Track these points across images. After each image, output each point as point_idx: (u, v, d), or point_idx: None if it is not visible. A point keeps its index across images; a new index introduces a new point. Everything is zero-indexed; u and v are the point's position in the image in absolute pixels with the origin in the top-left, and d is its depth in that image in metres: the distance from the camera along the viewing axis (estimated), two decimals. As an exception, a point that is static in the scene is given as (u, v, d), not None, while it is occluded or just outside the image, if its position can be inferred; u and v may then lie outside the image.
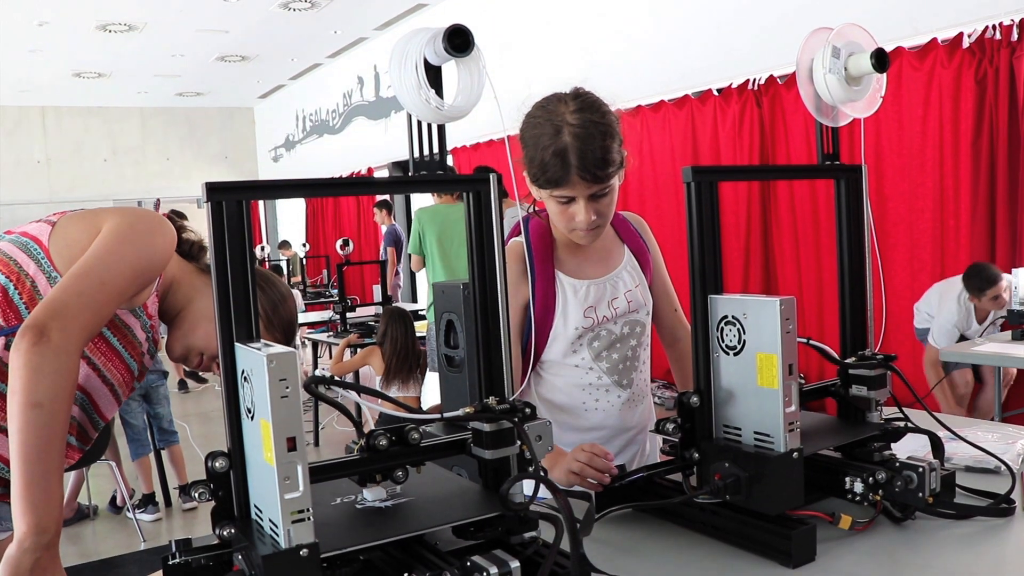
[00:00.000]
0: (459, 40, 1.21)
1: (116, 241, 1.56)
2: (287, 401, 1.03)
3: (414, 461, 1.28)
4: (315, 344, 6.85)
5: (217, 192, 1.12)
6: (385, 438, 1.23)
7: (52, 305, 1.44)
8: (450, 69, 1.25)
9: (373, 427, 1.27)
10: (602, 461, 1.66)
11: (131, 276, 1.56)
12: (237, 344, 1.12)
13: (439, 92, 1.24)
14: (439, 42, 1.21)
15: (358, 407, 3.49)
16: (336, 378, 1.25)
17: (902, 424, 1.69)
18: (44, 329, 1.39)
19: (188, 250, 1.83)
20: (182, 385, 8.62)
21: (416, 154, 1.29)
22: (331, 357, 8.99)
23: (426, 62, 1.23)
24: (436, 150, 1.29)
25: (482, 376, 1.33)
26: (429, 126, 1.29)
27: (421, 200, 8.50)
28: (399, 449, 1.25)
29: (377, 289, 7.29)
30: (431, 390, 5.88)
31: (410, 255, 5.67)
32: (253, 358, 1.07)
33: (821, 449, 1.61)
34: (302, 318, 7.86)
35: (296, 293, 9.16)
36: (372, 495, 1.26)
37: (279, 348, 1.05)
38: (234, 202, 1.13)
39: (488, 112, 1.41)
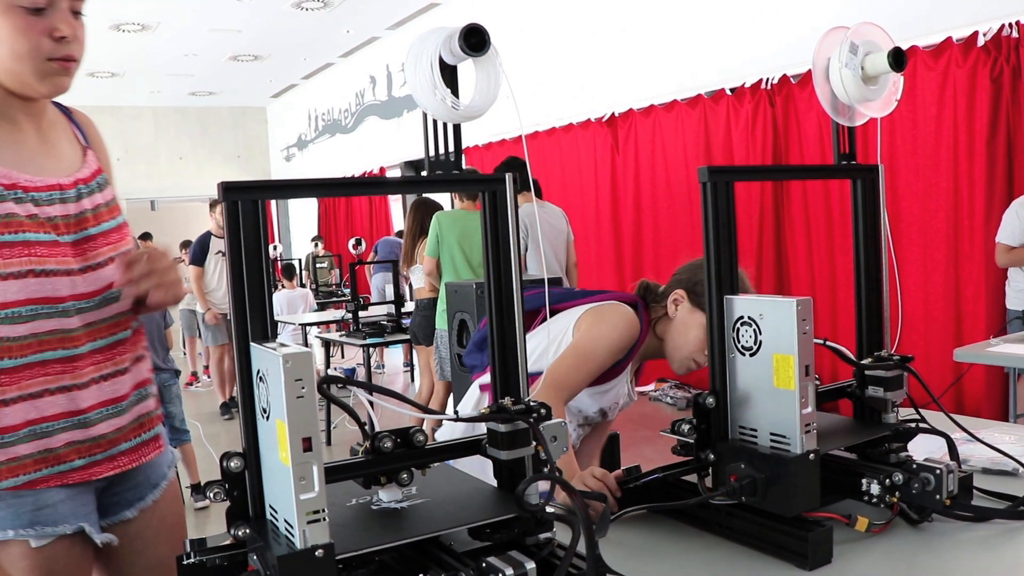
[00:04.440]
0: (475, 39, 1.20)
1: None
2: (303, 401, 1.03)
3: (419, 464, 1.27)
4: (327, 344, 6.85)
5: (233, 192, 1.12)
6: (390, 440, 1.23)
7: None
8: (467, 69, 1.25)
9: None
10: (612, 483, 1.68)
11: None
12: (252, 344, 1.12)
13: (455, 91, 1.24)
14: (455, 41, 1.20)
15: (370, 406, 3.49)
16: (351, 378, 1.25)
17: (917, 425, 1.68)
18: None
19: None
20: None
21: (431, 154, 1.28)
22: (343, 356, 9.02)
23: (442, 61, 1.23)
24: (452, 149, 1.29)
25: (497, 376, 1.32)
26: (444, 125, 1.28)
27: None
28: (404, 451, 1.25)
29: (390, 288, 7.29)
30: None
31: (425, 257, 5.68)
32: (268, 358, 1.06)
33: (831, 449, 1.60)
34: (314, 318, 7.87)
35: (308, 292, 9.17)
36: (387, 496, 1.26)
37: (295, 348, 1.05)
38: (249, 201, 1.13)
39: (502, 111, 1.40)
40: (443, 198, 7.52)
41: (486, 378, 2.05)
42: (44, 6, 1.43)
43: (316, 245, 11.80)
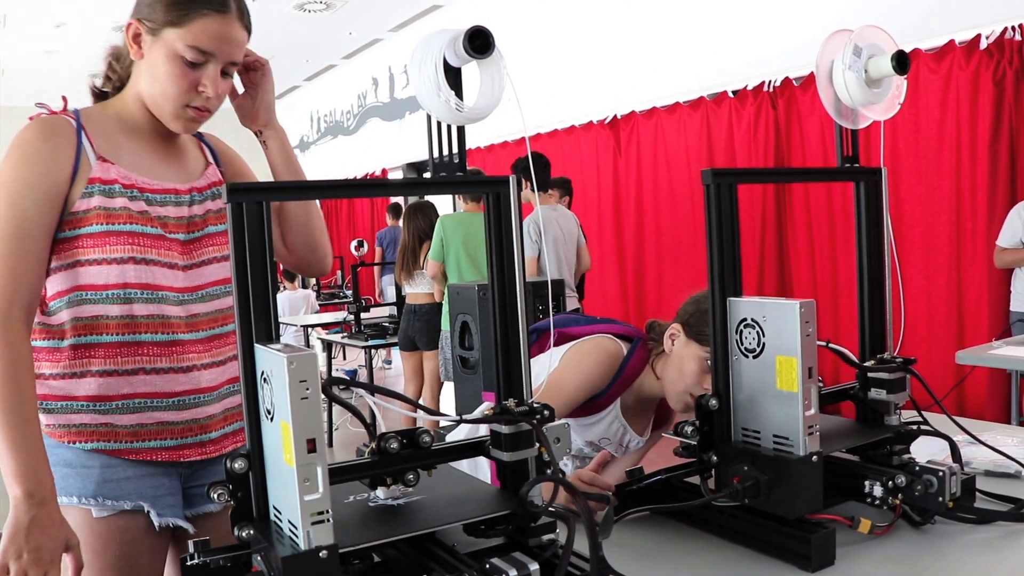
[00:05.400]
0: (479, 41, 1.21)
1: None
2: (307, 403, 1.03)
3: (425, 464, 1.28)
4: (329, 345, 6.85)
5: (238, 193, 1.12)
6: (396, 441, 1.23)
7: None
8: (471, 71, 1.25)
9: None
10: (603, 483, 1.68)
11: (14, 228, 1.52)
12: (257, 345, 1.12)
13: (459, 93, 1.24)
14: (459, 43, 1.20)
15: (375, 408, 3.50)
16: (354, 379, 1.25)
17: (919, 427, 1.68)
18: None
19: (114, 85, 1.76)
20: None
21: (435, 155, 1.29)
22: (345, 358, 9.02)
23: (446, 63, 1.23)
24: (455, 151, 1.29)
25: (500, 378, 1.33)
26: (448, 127, 1.28)
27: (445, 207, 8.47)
28: (410, 452, 1.25)
29: (391, 290, 7.30)
30: (448, 395, 5.90)
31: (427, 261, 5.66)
32: (273, 360, 1.07)
33: (834, 450, 1.60)
34: (316, 319, 7.86)
35: (309, 293, 9.16)
36: (384, 493, 1.26)
37: (299, 350, 1.05)
38: (254, 203, 1.13)
39: (504, 113, 1.40)
40: (440, 202, 7.51)
41: None
42: (201, 62, 1.60)
43: None
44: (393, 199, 10.38)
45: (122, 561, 1.63)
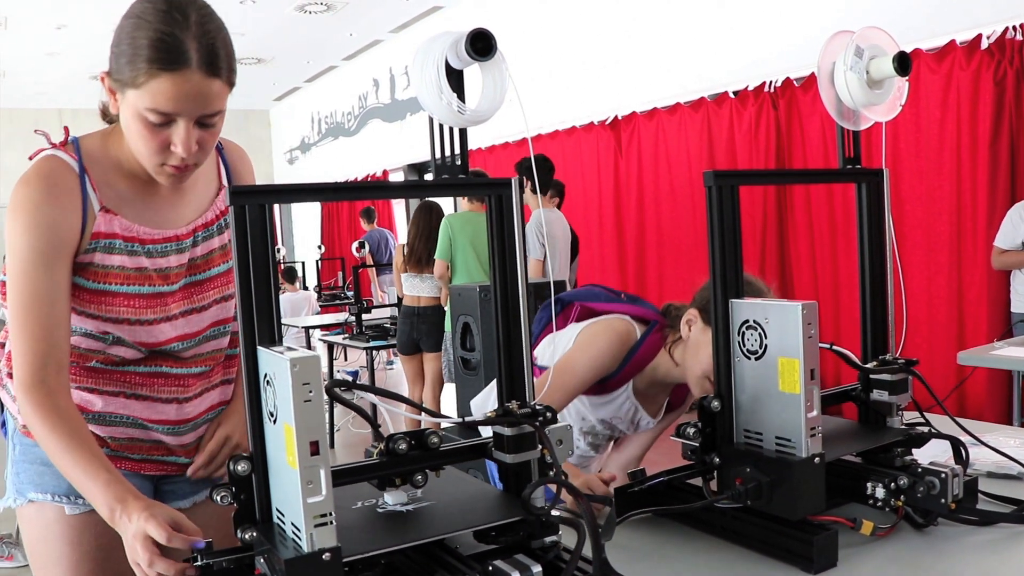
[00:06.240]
0: (481, 44, 1.21)
1: (8, 267, 1.55)
2: (310, 405, 1.03)
3: (434, 465, 1.28)
4: (331, 346, 6.85)
5: (240, 196, 1.12)
6: (405, 442, 1.23)
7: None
8: (473, 73, 1.25)
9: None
10: (599, 486, 1.69)
11: (30, 296, 1.52)
12: (260, 348, 1.13)
13: (461, 96, 1.24)
14: (461, 46, 1.20)
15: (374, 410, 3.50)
16: (356, 382, 1.25)
17: (924, 429, 1.68)
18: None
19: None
20: None
21: (437, 157, 1.29)
22: (346, 359, 9.02)
23: (448, 65, 1.23)
24: (458, 153, 1.29)
25: (503, 379, 1.32)
26: (450, 129, 1.28)
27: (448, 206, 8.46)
28: (419, 453, 1.25)
29: (392, 291, 7.30)
30: (449, 396, 5.88)
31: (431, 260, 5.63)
32: (276, 362, 1.07)
33: (844, 454, 1.60)
34: (317, 320, 7.86)
35: (311, 294, 9.16)
36: (393, 499, 1.26)
37: (302, 352, 1.05)
38: (256, 206, 1.13)
39: (505, 113, 1.40)
40: (439, 202, 7.52)
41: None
42: (164, 123, 1.48)
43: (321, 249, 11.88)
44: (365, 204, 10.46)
45: (99, 552, 1.66)
